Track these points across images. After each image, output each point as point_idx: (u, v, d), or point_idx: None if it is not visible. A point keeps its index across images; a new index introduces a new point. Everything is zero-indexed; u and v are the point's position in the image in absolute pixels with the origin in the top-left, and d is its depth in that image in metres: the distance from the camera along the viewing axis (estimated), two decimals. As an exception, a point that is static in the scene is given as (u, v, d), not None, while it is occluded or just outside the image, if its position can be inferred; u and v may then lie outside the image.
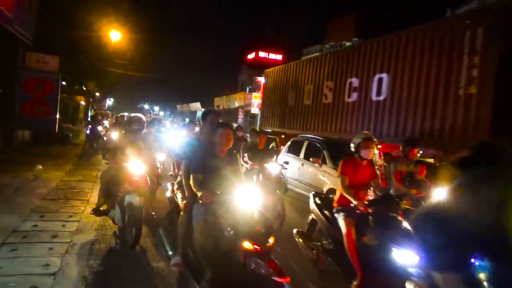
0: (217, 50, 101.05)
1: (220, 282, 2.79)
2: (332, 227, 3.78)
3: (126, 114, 13.83)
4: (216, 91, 41.88)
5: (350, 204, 3.58)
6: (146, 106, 75.49)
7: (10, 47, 9.80)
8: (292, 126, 11.91)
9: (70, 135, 15.30)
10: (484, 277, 1.77)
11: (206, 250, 2.94)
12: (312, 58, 11.98)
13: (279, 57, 41.07)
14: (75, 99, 24.10)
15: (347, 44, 21.34)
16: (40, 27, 10.33)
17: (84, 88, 22.54)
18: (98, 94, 31.91)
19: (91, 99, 28.60)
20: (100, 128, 13.63)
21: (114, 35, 14.61)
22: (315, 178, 7.16)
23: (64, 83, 15.41)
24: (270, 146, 8.17)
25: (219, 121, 3.70)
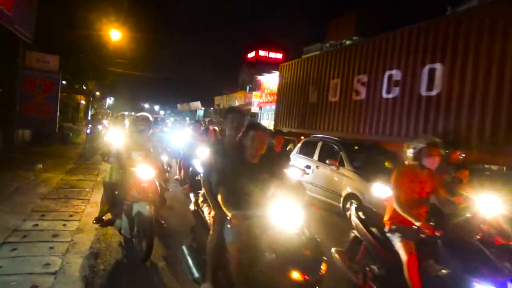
0: (217, 49, 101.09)
1: None
2: (384, 250, 3.18)
3: (126, 113, 13.84)
4: (216, 90, 42.01)
5: (408, 222, 3.00)
6: (146, 105, 75.53)
7: (10, 47, 9.78)
8: (314, 127, 10.64)
9: (71, 135, 15.30)
10: None
11: (244, 277, 2.50)
12: (339, 49, 10.70)
13: (279, 56, 41.10)
14: (75, 99, 24.09)
15: (347, 42, 21.27)
16: (40, 26, 10.31)
17: (84, 87, 22.53)
18: (98, 93, 31.93)
19: (91, 99, 28.55)
20: (100, 127, 13.64)
21: (114, 34, 14.61)
22: (332, 182, 6.82)
23: (64, 83, 15.40)
24: (288, 149, 7.70)
25: (252, 121, 3.12)
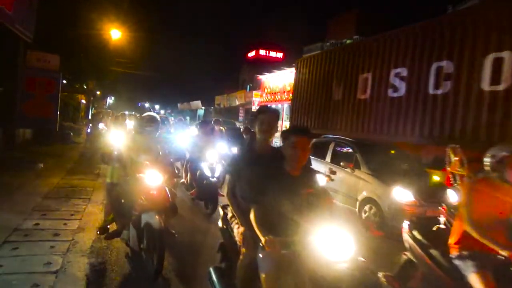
0: (217, 48, 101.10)
1: None
2: (451, 280, 2.59)
3: (127, 112, 13.84)
4: (217, 89, 42.02)
5: (484, 248, 2.38)
6: (146, 105, 75.58)
7: (10, 46, 9.79)
8: (339, 127, 9.47)
9: (71, 134, 15.32)
10: None
11: None
12: (370, 39, 9.32)
13: (280, 55, 41.11)
14: (76, 98, 24.10)
15: (348, 41, 21.20)
16: (40, 26, 10.31)
17: (84, 86, 22.56)
18: (99, 92, 31.95)
19: (92, 98, 28.59)
20: (101, 127, 13.66)
21: (115, 34, 14.63)
22: (347, 185, 6.52)
23: (65, 82, 15.42)
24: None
25: (294, 125, 2.32)
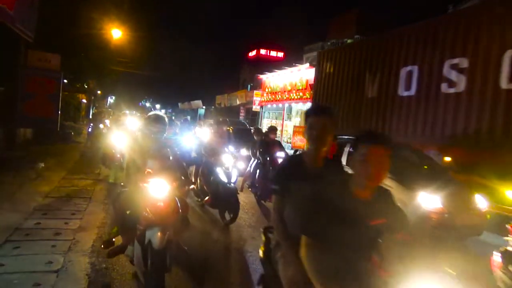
0: (218, 48, 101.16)
1: None
2: None
3: (127, 112, 13.82)
4: (217, 89, 41.96)
5: None
6: (147, 104, 75.66)
7: (11, 45, 9.80)
8: (375, 129, 8.10)
9: (72, 133, 15.35)
10: None
11: None
12: (415, 26, 7.74)
13: (281, 54, 41.07)
14: (77, 97, 24.14)
15: (349, 41, 21.16)
16: (41, 25, 10.32)
17: (85, 86, 22.59)
18: (99, 92, 32.00)
19: (93, 97, 28.64)
20: (101, 126, 13.67)
21: (116, 33, 14.65)
22: None
23: (65, 81, 15.44)
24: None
25: (367, 130, 1.83)
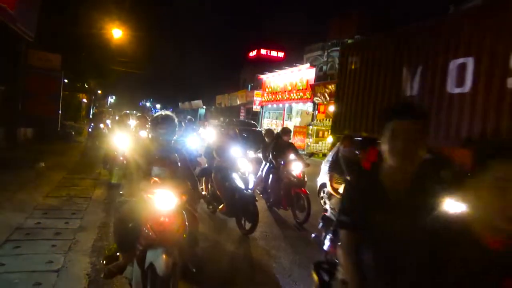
0: (219, 48, 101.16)
1: None
2: None
3: (128, 112, 13.83)
4: (218, 89, 41.95)
5: None
6: (148, 104, 75.66)
7: (12, 45, 9.82)
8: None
9: (73, 133, 15.36)
10: None
11: None
12: (471, 9, 6.24)
13: (281, 54, 41.05)
14: (77, 97, 24.17)
15: (349, 41, 21.15)
16: (42, 25, 10.33)
17: (86, 86, 22.61)
18: (100, 92, 32.01)
19: (93, 97, 28.65)
20: (102, 125, 13.66)
21: (116, 33, 14.66)
22: None
23: (66, 81, 15.45)
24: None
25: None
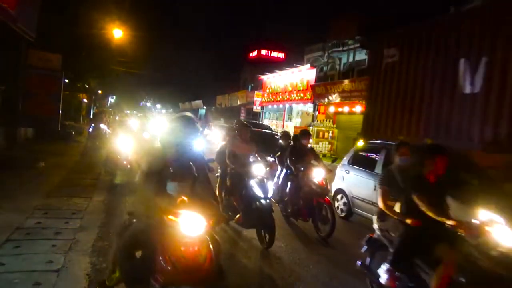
0: (219, 48, 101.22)
1: None
2: None
3: (128, 112, 13.81)
4: (218, 89, 41.95)
5: None
6: (148, 104, 75.62)
7: (13, 45, 9.81)
8: (478, 137, 6.44)
9: (73, 133, 15.35)
10: None
11: None
12: None
13: (281, 55, 41.05)
14: (78, 97, 24.18)
15: (350, 42, 21.10)
16: (43, 25, 10.33)
17: (86, 85, 22.62)
18: (100, 92, 32.02)
19: (93, 97, 28.65)
20: (102, 125, 13.66)
21: (117, 33, 14.67)
22: None
23: (66, 81, 15.45)
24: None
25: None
